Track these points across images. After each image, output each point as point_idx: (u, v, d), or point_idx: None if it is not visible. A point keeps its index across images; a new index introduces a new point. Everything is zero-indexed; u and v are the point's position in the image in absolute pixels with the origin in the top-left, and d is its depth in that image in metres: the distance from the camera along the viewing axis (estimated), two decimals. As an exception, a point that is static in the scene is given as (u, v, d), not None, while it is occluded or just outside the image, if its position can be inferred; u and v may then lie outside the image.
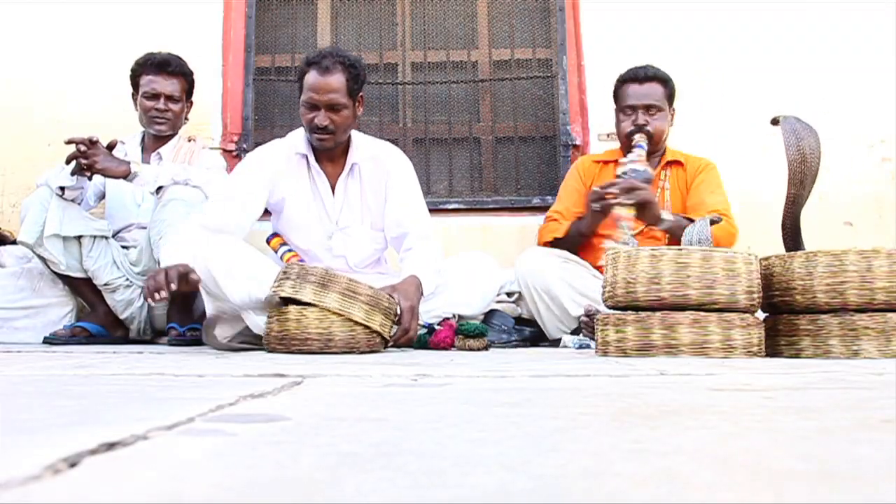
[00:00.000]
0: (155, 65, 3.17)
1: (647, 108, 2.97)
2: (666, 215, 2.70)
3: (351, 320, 2.18)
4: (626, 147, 2.98)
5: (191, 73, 3.25)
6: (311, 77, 2.63)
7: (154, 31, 3.67)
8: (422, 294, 2.51)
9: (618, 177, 2.74)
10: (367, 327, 2.21)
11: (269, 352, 2.24)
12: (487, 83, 3.88)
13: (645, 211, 2.66)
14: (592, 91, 3.71)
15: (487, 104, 3.88)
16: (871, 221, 3.55)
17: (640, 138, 2.92)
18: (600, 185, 2.78)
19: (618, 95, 3.07)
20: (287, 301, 2.24)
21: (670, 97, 3.03)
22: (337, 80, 2.62)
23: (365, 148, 2.80)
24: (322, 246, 2.81)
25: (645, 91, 2.98)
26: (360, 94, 2.71)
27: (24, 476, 0.52)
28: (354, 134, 2.80)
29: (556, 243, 2.98)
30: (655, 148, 3.02)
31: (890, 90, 3.58)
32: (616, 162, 3.01)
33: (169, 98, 3.17)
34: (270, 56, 3.91)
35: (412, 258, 2.66)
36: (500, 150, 3.86)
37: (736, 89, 3.64)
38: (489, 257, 2.90)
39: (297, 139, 2.78)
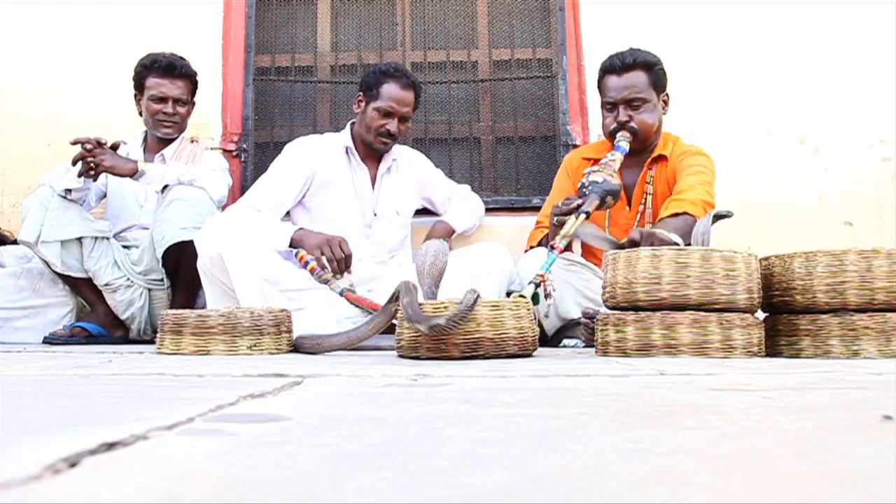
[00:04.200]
0: (162, 68, 3.14)
1: (630, 102, 2.67)
2: (604, 245, 2.39)
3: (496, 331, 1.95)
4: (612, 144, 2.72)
5: (195, 74, 3.25)
6: (395, 89, 2.96)
7: (154, 31, 3.67)
8: (453, 232, 3.11)
9: (579, 188, 2.49)
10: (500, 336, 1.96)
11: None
12: (487, 83, 3.87)
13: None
14: (592, 91, 3.68)
15: (487, 104, 3.88)
16: (871, 221, 3.54)
17: (621, 137, 2.66)
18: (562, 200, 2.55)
19: (600, 88, 2.77)
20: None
21: (657, 84, 2.70)
22: (412, 96, 3.01)
23: (395, 149, 3.16)
24: (360, 233, 3.03)
25: (625, 83, 2.66)
26: None
27: (24, 476, 0.52)
28: None
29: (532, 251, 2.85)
30: (645, 143, 2.76)
31: (890, 90, 3.58)
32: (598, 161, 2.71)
33: (177, 101, 3.18)
34: (270, 56, 3.91)
35: (449, 210, 3.20)
36: (499, 150, 3.86)
37: (736, 88, 3.64)
38: (501, 249, 2.85)
39: (341, 136, 3.11)
